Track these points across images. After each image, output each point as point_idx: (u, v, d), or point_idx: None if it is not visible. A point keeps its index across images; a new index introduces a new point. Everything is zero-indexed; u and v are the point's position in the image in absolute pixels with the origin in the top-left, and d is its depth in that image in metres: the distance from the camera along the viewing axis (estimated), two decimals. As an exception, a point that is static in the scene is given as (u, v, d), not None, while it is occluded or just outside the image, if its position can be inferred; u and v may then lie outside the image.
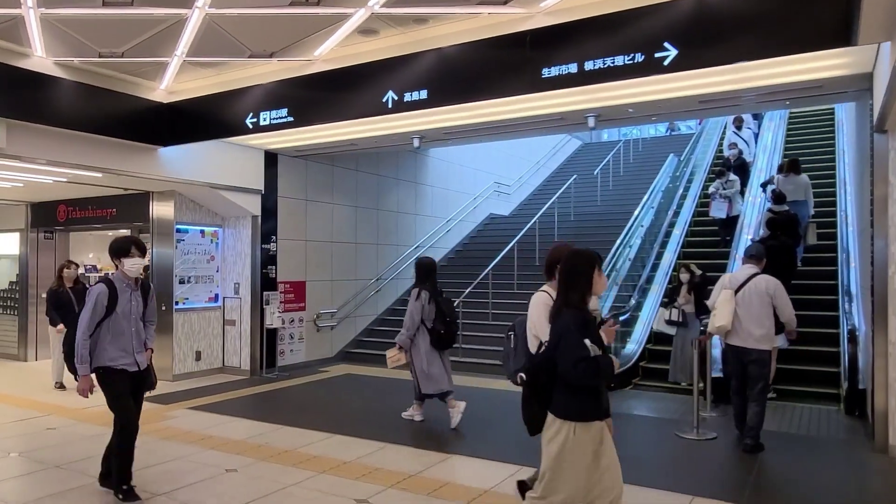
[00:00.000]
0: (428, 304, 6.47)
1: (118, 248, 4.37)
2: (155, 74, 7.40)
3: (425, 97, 5.92)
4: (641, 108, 6.98)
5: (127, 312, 4.36)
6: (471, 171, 14.65)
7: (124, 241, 4.45)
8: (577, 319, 3.04)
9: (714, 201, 10.85)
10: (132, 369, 4.40)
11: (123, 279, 4.39)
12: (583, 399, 3.07)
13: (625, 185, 15.55)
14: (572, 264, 3.17)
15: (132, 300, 4.41)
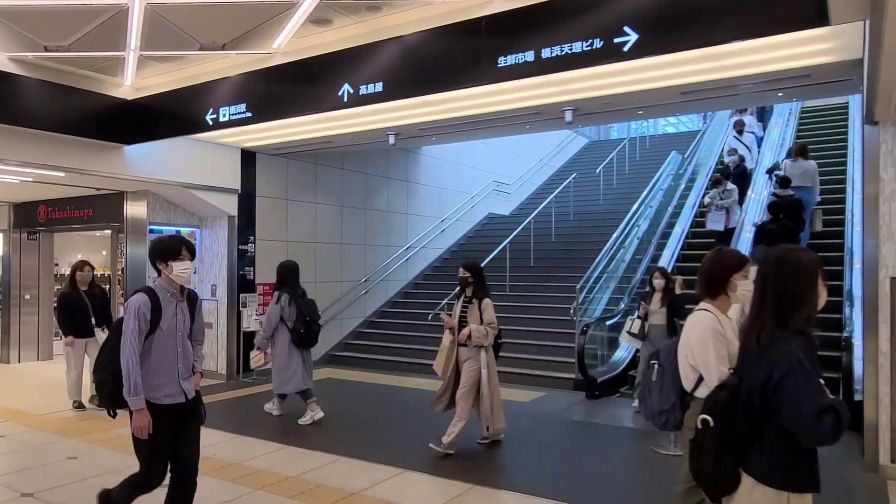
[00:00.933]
0: (288, 306, 6.81)
1: (165, 250, 3.45)
2: (117, 70, 7.17)
3: (381, 90, 5.60)
4: (619, 100, 6.59)
5: (172, 329, 3.42)
6: (468, 169, 14.30)
7: (172, 241, 3.55)
8: (809, 352, 2.17)
9: (710, 212, 10.01)
10: (178, 400, 3.44)
11: (168, 287, 3.44)
12: (804, 460, 2.29)
13: (629, 183, 15.05)
14: (793, 270, 2.26)
15: (178, 313, 3.46)
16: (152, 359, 3.37)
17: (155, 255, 3.48)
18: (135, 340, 3.26)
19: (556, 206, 13.53)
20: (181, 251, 3.45)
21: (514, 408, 7.44)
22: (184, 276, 3.46)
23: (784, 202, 8.43)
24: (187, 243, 3.52)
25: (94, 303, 7.22)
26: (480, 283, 5.71)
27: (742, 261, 3.00)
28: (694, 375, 2.94)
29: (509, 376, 8.96)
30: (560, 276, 10.67)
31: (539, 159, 17.22)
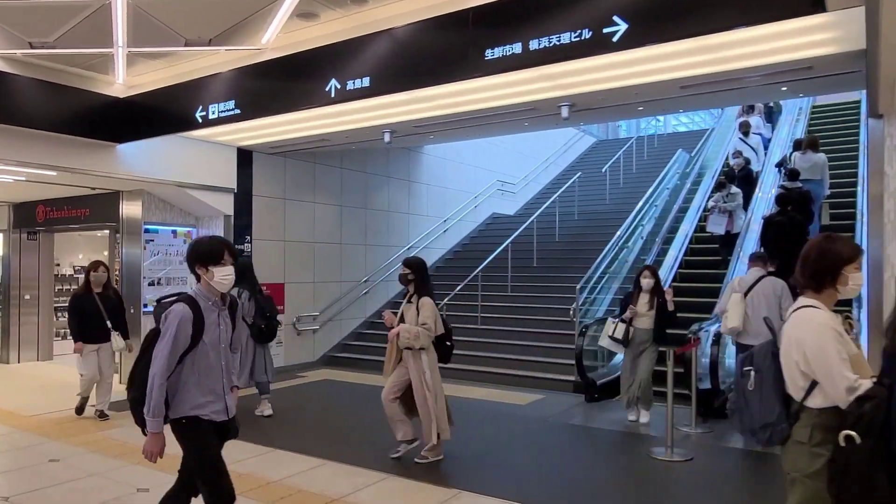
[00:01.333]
0: (248, 302, 6.89)
1: (206, 254, 3.08)
2: (109, 68, 7.10)
3: (368, 85, 5.47)
4: (616, 95, 6.41)
5: (215, 341, 3.10)
6: (471, 168, 14.14)
7: (213, 243, 3.17)
8: None
9: (712, 215, 9.65)
10: (222, 418, 3.18)
11: (208, 295, 3.09)
12: None
13: (637, 183, 14.80)
14: None
15: (220, 323, 3.13)
16: (197, 374, 3.06)
17: (194, 259, 3.10)
18: (169, 356, 2.93)
19: (560, 205, 13.33)
20: (223, 255, 3.08)
21: (509, 411, 7.28)
22: (226, 282, 3.09)
23: (792, 194, 8.25)
24: (229, 246, 3.17)
25: (108, 305, 6.72)
26: (422, 281, 5.27)
27: (856, 251, 2.60)
28: (804, 382, 2.52)
29: (509, 378, 8.81)
30: (563, 276, 10.47)
31: (545, 158, 17.03)
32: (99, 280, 6.75)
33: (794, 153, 9.82)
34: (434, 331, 5.10)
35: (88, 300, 6.68)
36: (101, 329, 6.70)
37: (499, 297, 10.89)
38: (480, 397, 7.98)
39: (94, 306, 6.67)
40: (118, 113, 7.37)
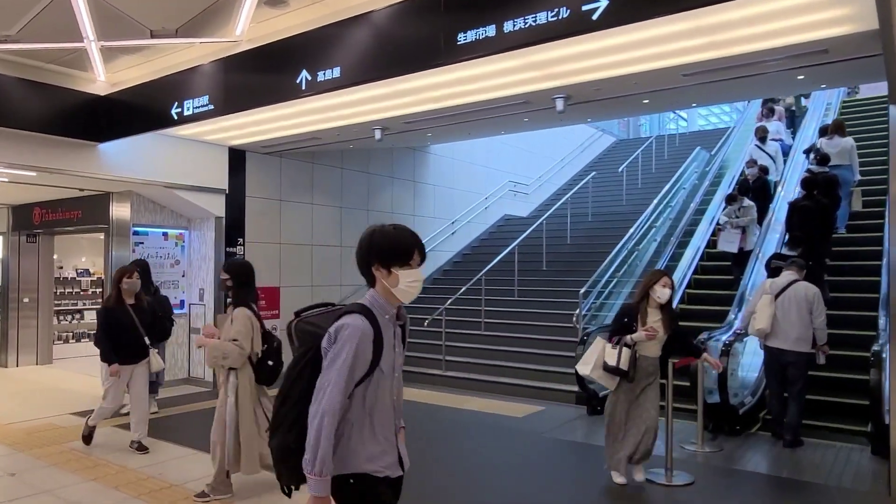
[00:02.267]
0: None
1: (391, 250, 2.22)
2: (89, 65, 6.86)
3: (338, 76, 5.10)
4: (612, 85, 5.94)
5: (391, 369, 2.27)
6: (481, 169, 13.71)
7: (401, 237, 2.26)
8: None
9: (724, 231, 8.77)
10: (396, 473, 2.31)
11: (387, 307, 2.25)
12: None
13: (655, 183, 14.19)
14: None
15: (396, 344, 2.32)
16: (370, 413, 2.21)
17: (374, 256, 2.22)
18: (345, 387, 2.09)
19: (573, 206, 12.84)
20: (412, 254, 2.24)
21: (504, 424, 6.84)
22: (413, 291, 2.24)
23: (818, 178, 7.89)
24: (420, 244, 2.31)
25: (143, 318, 5.70)
26: (242, 288, 4.44)
27: None
28: None
29: (509, 388, 8.37)
30: (572, 280, 9.95)
31: (561, 159, 16.52)
32: (132, 289, 5.65)
33: (820, 139, 9.29)
34: (247, 348, 4.28)
35: (122, 314, 5.58)
36: (138, 347, 5.66)
37: (504, 303, 10.45)
38: (476, 408, 7.55)
39: (128, 320, 5.60)
40: (98, 111, 7.14)
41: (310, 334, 2.22)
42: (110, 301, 5.65)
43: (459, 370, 9.11)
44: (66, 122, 6.97)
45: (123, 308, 5.59)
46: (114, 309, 5.59)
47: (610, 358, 4.72)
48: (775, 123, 11.21)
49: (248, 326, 4.30)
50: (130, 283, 5.64)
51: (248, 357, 4.34)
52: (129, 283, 5.63)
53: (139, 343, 5.66)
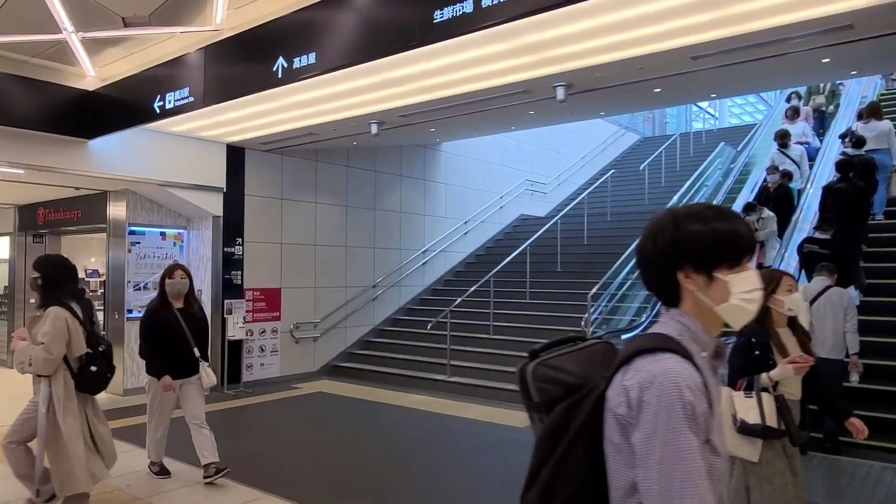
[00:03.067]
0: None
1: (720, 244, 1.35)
2: (74, 59, 6.68)
3: (314, 62, 4.77)
4: (616, 71, 5.48)
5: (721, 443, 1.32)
6: (496, 167, 13.30)
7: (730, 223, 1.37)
8: None
9: None
10: None
11: (704, 338, 1.38)
12: None
13: (679, 181, 13.58)
14: None
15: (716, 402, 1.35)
16: None
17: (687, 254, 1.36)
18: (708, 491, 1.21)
19: (591, 206, 12.35)
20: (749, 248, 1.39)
21: (505, 435, 6.42)
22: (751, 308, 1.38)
23: (854, 160, 7.42)
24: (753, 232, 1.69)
25: (193, 326, 4.85)
26: (53, 286, 3.91)
27: None
28: None
29: (515, 395, 7.91)
30: (588, 282, 9.47)
31: (581, 157, 16.00)
32: (178, 290, 4.83)
33: (856, 123, 8.76)
34: (55, 353, 3.74)
35: (170, 319, 4.77)
36: (187, 358, 4.80)
37: (515, 305, 10.02)
38: (478, 417, 7.14)
39: (174, 327, 4.76)
40: (87, 107, 6.95)
41: (558, 385, 1.41)
42: (155, 304, 4.85)
43: (465, 376, 8.71)
44: (54, 119, 6.79)
45: (170, 312, 4.76)
46: (159, 314, 4.75)
47: (747, 413, 2.97)
48: (801, 125, 10.33)
49: (58, 328, 3.75)
50: (174, 285, 4.79)
51: (65, 362, 3.83)
52: (172, 285, 4.79)
53: (188, 354, 4.77)
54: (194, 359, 4.80)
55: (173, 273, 4.86)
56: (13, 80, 6.49)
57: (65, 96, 6.87)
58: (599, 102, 7.07)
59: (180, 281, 4.84)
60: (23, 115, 6.57)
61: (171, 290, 4.81)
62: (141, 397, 8.11)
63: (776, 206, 8.29)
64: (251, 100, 6.33)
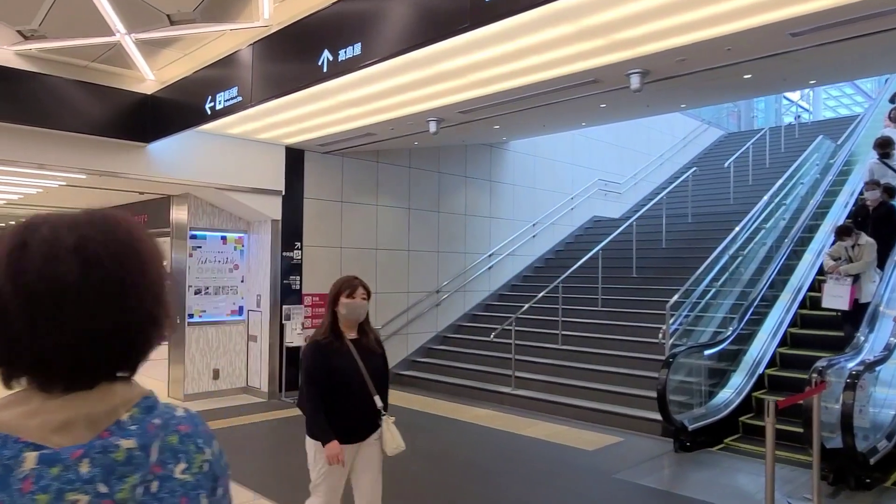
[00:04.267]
0: None
1: None
2: (130, 62, 6.63)
3: (359, 53, 4.39)
4: (700, 53, 4.83)
5: None
6: (567, 166, 12.65)
7: None
8: None
9: (830, 281, 6.61)
10: None
11: None
12: None
13: (769, 179, 12.47)
14: None
15: None
16: None
17: None
18: None
19: (671, 206, 11.51)
20: None
21: (571, 459, 5.85)
22: None
23: None
24: None
25: (372, 365, 3.32)
26: None
27: None
28: None
29: (584, 412, 7.33)
30: (666, 289, 8.72)
31: (659, 155, 15.08)
32: (358, 314, 3.32)
33: None
34: None
35: (344, 357, 3.25)
36: (366, 412, 3.31)
37: (586, 313, 9.38)
38: (542, 436, 6.60)
39: (351, 369, 3.24)
40: (145, 111, 6.89)
41: None
42: (322, 334, 3.29)
43: (530, 389, 8.17)
44: (114, 124, 6.76)
45: (343, 347, 3.25)
46: (329, 348, 3.24)
47: None
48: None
49: None
50: (353, 307, 3.26)
51: None
52: (351, 307, 3.26)
53: (367, 406, 3.28)
54: (374, 411, 3.29)
55: (353, 291, 3.29)
56: (74, 86, 6.49)
57: (124, 100, 6.84)
58: (680, 93, 6.38)
59: (360, 303, 3.28)
60: (83, 120, 6.57)
61: (349, 315, 3.27)
62: (198, 403, 8.12)
63: (876, 229, 6.93)
64: (302, 99, 6.08)
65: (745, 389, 6.76)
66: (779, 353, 7.17)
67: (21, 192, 8.96)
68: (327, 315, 3.31)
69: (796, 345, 7.31)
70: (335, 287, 3.35)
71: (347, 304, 3.27)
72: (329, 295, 3.34)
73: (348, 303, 3.27)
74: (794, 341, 7.39)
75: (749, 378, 6.88)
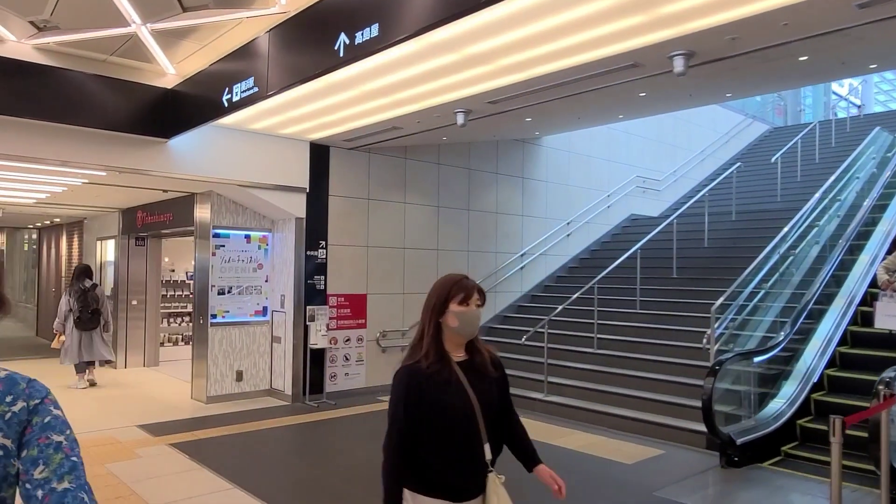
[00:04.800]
0: (72, 298, 8.69)
1: None
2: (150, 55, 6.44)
3: (377, 34, 4.07)
4: (752, 30, 4.37)
5: None
6: (602, 162, 12.16)
7: None
8: None
9: (882, 300, 6.11)
10: None
11: None
12: None
13: (819, 175, 11.77)
14: None
15: None
16: None
17: None
18: None
19: (714, 204, 10.95)
20: None
21: (605, 473, 5.43)
22: None
23: None
24: None
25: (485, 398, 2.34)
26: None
27: None
28: None
29: (622, 422, 6.88)
30: (709, 291, 8.21)
31: (700, 150, 14.45)
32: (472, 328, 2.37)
33: None
34: None
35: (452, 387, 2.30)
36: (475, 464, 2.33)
37: (623, 316, 8.91)
38: (576, 447, 6.19)
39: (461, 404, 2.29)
40: (165, 105, 6.71)
41: None
42: (423, 356, 2.30)
43: (564, 395, 7.76)
44: (133, 119, 6.58)
45: (449, 374, 2.30)
46: (430, 375, 2.27)
47: None
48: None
49: None
50: (468, 318, 2.31)
51: None
52: (465, 318, 2.31)
53: (476, 456, 2.32)
54: (482, 465, 2.31)
55: (468, 297, 2.30)
56: (94, 80, 6.33)
57: (144, 95, 6.66)
58: (726, 79, 5.89)
59: (476, 312, 2.33)
60: (105, 116, 6.40)
61: (462, 329, 2.31)
62: (219, 406, 7.93)
63: None
64: (323, 90, 5.81)
65: (799, 399, 6.23)
66: (838, 353, 6.67)
67: (48, 191, 8.90)
68: (428, 329, 2.30)
69: (857, 343, 6.79)
70: (441, 290, 2.33)
71: (461, 313, 2.27)
72: (430, 301, 2.34)
73: (462, 312, 2.27)
74: (854, 340, 6.85)
75: (803, 386, 6.35)
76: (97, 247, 11.86)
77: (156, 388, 8.95)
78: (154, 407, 7.68)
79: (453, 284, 2.32)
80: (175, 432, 6.53)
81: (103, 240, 11.56)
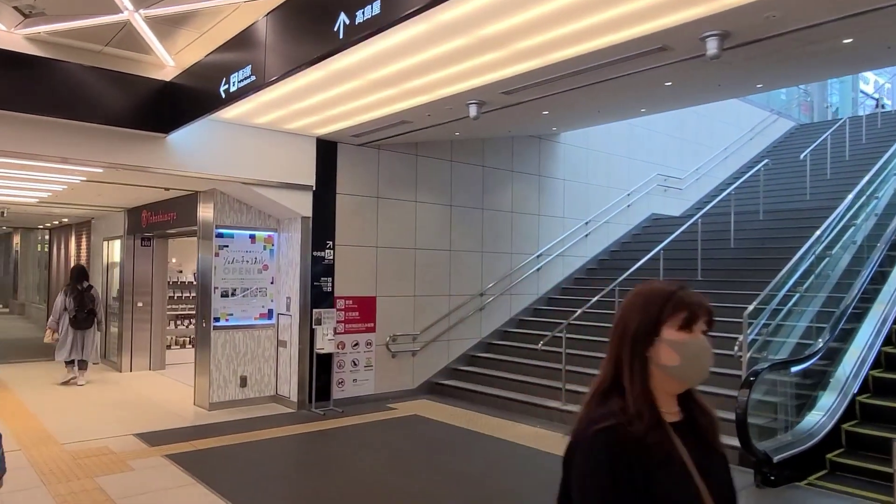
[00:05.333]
0: (69, 297, 8.90)
1: None
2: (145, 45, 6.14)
3: (379, 12, 3.70)
4: (796, 6, 3.93)
5: None
6: (622, 160, 11.71)
7: None
8: None
9: None
10: None
11: None
12: None
13: (850, 173, 11.24)
14: None
15: None
16: None
17: None
18: None
19: (740, 203, 10.47)
20: None
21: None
22: None
23: None
24: None
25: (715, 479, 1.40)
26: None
27: None
28: None
29: (646, 434, 6.44)
30: (736, 294, 7.74)
31: (724, 148, 13.94)
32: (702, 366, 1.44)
33: None
34: None
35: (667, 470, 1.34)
36: None
37: (645, 320, 8.44)
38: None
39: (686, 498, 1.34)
40: (163, 99, 6.39)
41: None
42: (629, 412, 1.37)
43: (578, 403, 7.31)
44: (130, 113, 6.27)
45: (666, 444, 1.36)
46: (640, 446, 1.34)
47: None
48: None
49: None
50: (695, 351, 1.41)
51: None
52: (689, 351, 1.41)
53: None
54: None
55: (693, 318, 1.44)
56: (89, 73, 6.02)
57: (141, 88, 6.35)
58: (761, 64, 5.44)
59: (704, 344, 1.45)
60: (101, 109, 6.09)
61: (683, 371, 1.42)
62: (222, 413, 7.58)
63: None
64: (326, 79, 5.47)
65: (838, 413, 5.75)
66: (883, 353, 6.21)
67: (49, 189, 8.66)
68: (631, 370, 1.42)
69: None
70: (648, 306, 1.46)
71: (684, 344, 1.41)
72: (625, 323, 1.46)
73: (686, 342, 1.42)
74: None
75: (842, 399, 5.88)
76: (104, 247, 11.63)
77: (158, 393, 8.66)
78: (154, 414, 7.38)
79: (667, 299, 1.44)
80: (173, 442, 6.20)
81: (110, 240, 11.32)
